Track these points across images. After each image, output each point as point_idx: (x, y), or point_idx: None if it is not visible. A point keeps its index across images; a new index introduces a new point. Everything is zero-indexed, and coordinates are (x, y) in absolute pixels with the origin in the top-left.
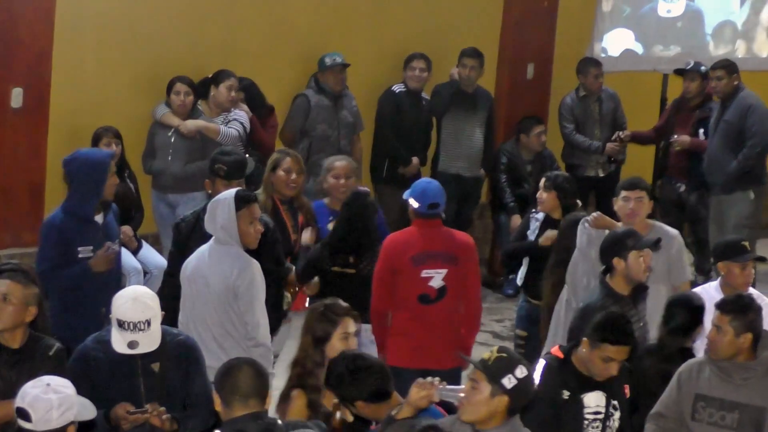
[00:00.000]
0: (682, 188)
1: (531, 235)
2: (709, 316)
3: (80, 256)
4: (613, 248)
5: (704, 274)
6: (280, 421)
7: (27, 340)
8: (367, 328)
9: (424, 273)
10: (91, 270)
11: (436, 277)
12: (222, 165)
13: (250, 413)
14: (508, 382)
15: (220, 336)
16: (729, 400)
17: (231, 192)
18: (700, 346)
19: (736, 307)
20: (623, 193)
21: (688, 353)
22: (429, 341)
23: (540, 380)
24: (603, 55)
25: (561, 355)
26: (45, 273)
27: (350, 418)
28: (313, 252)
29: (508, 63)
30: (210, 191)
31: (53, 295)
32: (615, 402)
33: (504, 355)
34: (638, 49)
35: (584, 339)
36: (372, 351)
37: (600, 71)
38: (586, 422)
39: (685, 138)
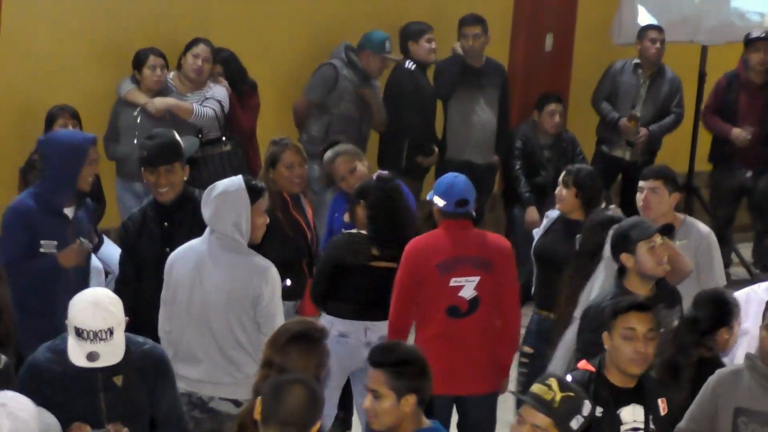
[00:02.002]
0: (748, 174)
1: (536, 235)
2: (757, 319)
3: (42, 250)
4: (619, 244)
5: (766, 269)
6: None
7: None
8: (366, 327)
9: (453, 282)
10: (57, 264)
11: (467, 287)
12: (143, 150)
13: None
14: (576, 423)
15: (230, 348)
16: None
17: (238, 182)
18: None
19: None
20: (639, 183)
21: (714, 366)
22: (460, 362)
23: None
24: (630, 24)
25: (592, 368)
26: (11, 264)
27: None
28: (332, 247)
29: (524, 34)
30: (146, 181)
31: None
32: (653, 416)
33: (571, 394)
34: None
35: (604, 334)
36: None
37: (662, 37)
38: None
39: (747, 136)
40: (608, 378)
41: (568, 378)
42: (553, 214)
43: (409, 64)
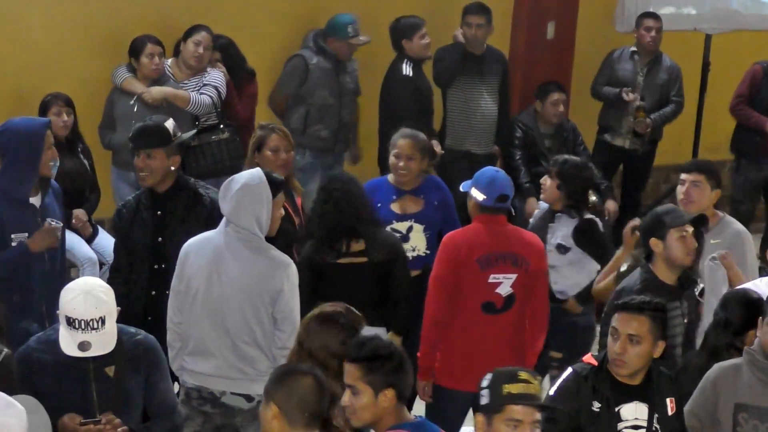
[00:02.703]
0: None
1: (529, 226)
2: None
3: (13, 244)
4: (650, 228)
5: None
6: None
7: None
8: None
9: (492, 278)
10: (29, 251)
11: (505, 283)
12: (132, 131)
13: None
14: None
15: (244, 344)
16: None
17: (259, 176)
18: None
19: None
20: (681, 175)
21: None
22: (491, 358)
23: (559, 391)
24: (633, 11)
25: (595, 362)
26: None
27: None
28: (304, 249)
29: (525, 21)
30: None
31: None
32: (658, 416)
33: (538, 377)
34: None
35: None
36: None
37: (657, 25)
38: None
39: None
40: (611, 373)
41: (568, 371)
42: (545, 205)
43: (406, 69)
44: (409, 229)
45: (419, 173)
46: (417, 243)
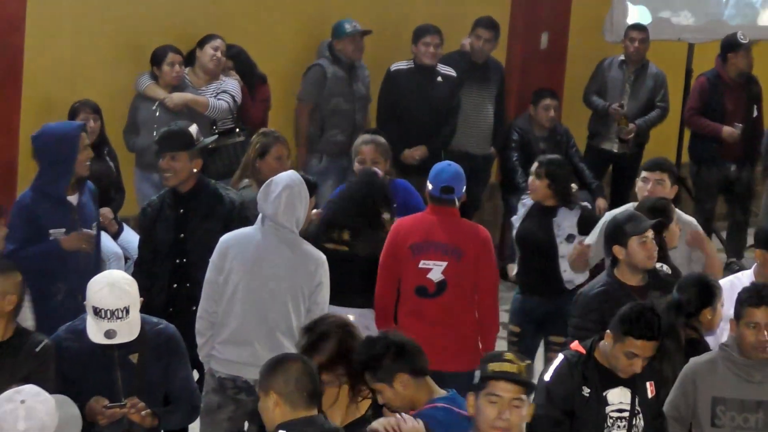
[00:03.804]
0: (732, 168)
1: (516, 222)
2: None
3: (51, 239)
4: (612, 236)
5: (737, 255)
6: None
7: (13, 334)
8: (358, 312)
9: (422, 264)
10: (59, 247)
11: (435, 270)
12: (157, 135)
13: (313, 416)
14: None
15: (281, 334)
16: (750, 399)
17: (297, 178)
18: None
19: None
20: (643, 173)
21: (701, 348)
22: (428, 339)
23: (554, 377)
24: (621, 22)
25: (583, 350)
26: (12, 254)
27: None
28: (310, 227)
29: (521, 32)
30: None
31: (28, 282)
32: (639, 399)
33: (527, 361)
34: (661, 15)
35: (607, 332)
36: None
37: (642, 36)
38: (610, 420)
39: (737, 133)
40: (598, 360)
41: (559, 358)
42: (528, 201)
43: (401, 66)
44: None
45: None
46: None
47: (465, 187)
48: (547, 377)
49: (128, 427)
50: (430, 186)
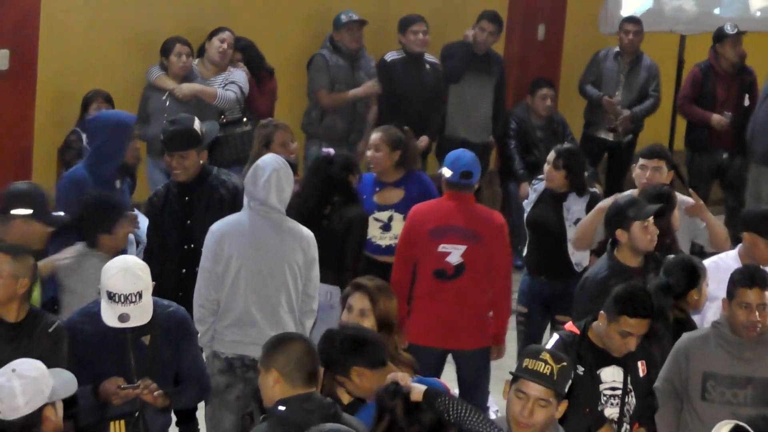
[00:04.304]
0: (724, 156)
1: (527, 206)
2: (724, 286)
3: None
4: (615, 219)
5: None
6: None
7: (27, 315)
8: (329, 290)
9: (441, 248)
10: None
11: (454, 253)
12: (162, 134)
13: (311, 392)
14: (567, 386)
15: (282, 311)
16: (740, 375)
17: (281, 161)
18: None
19: None
20: (641, 161)
21: (689, 327)
22: (445, 320)
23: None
24: (615, 14)
25: (577, 330)
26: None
27: None
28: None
29: (519, 24)
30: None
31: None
32: (631, 377)
33: (564, 364)
34: (654, 6)
35: (601, 312)
36: (332, 315)
37: (636, 29)
38: (603, 398)
39: (726, 121)
40: (592, 341)
41: (555, 338)
42: (539, 186)
43: (389, 56)
44: (390, 218)
45: (397, 167)
46: (398, 231)
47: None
48: None
49: (141, 407)
50: (448, 172)
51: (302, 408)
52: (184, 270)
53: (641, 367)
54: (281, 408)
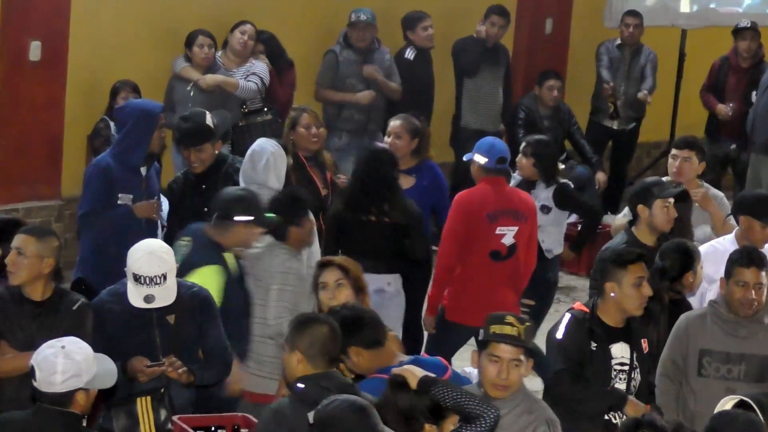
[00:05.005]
0: (732, 146)
1: None
2: (722, 267)
3: (119, 202)
4: (639, 196)
5: None
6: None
7: (51, 294)
8: (387, 279)
9: (499, 230)
10: (132, 214)
11: (509, 234)
12: (178, 131)
13: (329, 372)
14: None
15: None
16: (735, 352)
17: (274, 143)
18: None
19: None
20: (673, 151)
21: (684, 307)
22: (493, 299)
23: (566, 332)
24: (618, 9)
25: (586, 309)
26: (87, 215)
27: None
28: (333, 206)
29: (527, 18)
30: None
31: (86, 237)
32: (636, 354)
33: (527, 324)
34: (656, 1)
35: (606, 284)
36: (393, 302)
37: (636, 22)
38: (613, 373)
39: (729, 112)
40: (601, 318)
41: (567, 316)
42: (518, 177)
43: (409, 53)
44: None
45: (412, 155)
46: None
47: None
48: (559, 335)
49: (166, 384)
50: (483, 159)
51: (320, 385)
52: None
53: (644, 344)
54: (300, 385)
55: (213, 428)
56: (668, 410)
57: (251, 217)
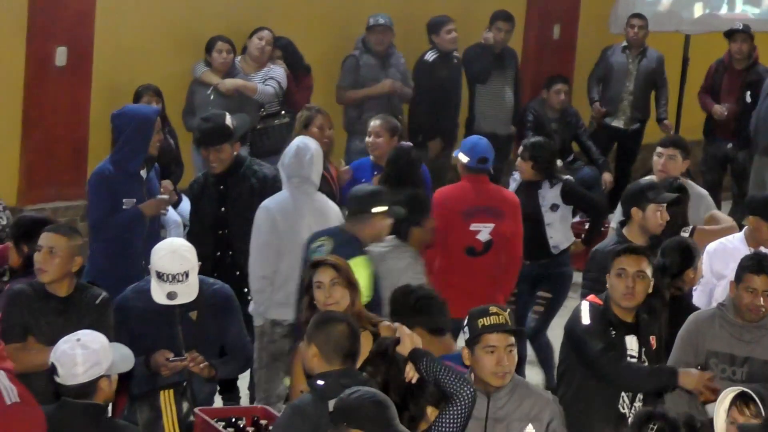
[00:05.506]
0: (729, 146)
1: None
2: (732, 265)
3: (124, 207)
4: (633, 198)
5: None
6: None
7: (74, 289)
8: None
9: (473, 227)
10: (140, 213)
11: (484, 231)
12: (198, 131)
13: (345, 369)
14: None
15: None
16: (740, 355)
17: (315, 142)
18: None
19: None
20: (658, 149)
21: (685, 302)
22: (468, 293)
23: (591, 319)
24: (624, 15)
25: (600, 301)
26: (98, 223)
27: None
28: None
29: (535, 24)
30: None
31: (98, 245)
32: (645, 349)
33: (508, 309)
34: (661, 8)
35: (607, 276)
36: None
37: (641, 23)
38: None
39: (724, 112)
40: (613, 311)
41: (586, 304)
42: (518, 177)
43: (429, 55)
44: None
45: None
46: None
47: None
48: (585, 321)
49: (188, 378)
50: (465, 158)
51: (339, 383)
52: (218, 253)
53: (652, 341)
54: (320, 382)
55: (233, 419)
56: (679, 405)
57: (386, 208)
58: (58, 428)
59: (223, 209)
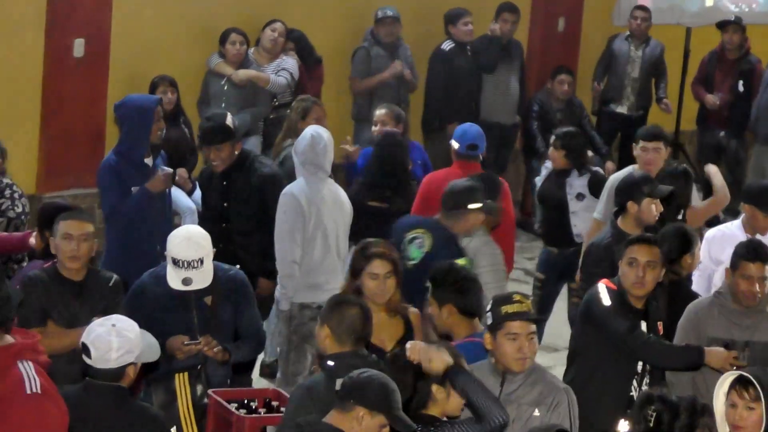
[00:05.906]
0: (722, 134)
1: (538, 182)
2: (729, 251)
3: (138, 187)
4: (630, 191)
5: (733, 215)
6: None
7: (87, 273)
8: None
9: None
10: (148, 192)
11: None
12: (200, 129)
13: (356, 350)
14: None
15: (342, 260)
16: (740, 339)
17: (325, 131)
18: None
19: None
20: (641, 143)
21: (683, 287)
22: None
23: (611, 300)
24: (627, 9)
25: (614, 286)
26: (111, 211)
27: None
28: (351, 189)
29: (541, 17)
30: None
31: (111, 234)
32: (652, 334)
33: (530, 297)
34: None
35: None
36: None
37: (644, 15)
38: None
39: (716, 102)
40: (625, 296)
41: (603, 288)
42: (549, 165)
43: (445, 45)
44: None
45: None
46: None
47: (485, 145)
48: (606, 303)
49: (203, 361)
50: (456, 145)
51: (349, 364)
52: (220, 245)
53: (659, 327)
54: (330, 363)
55: (245, 401)
56: (682, 388)
57: (481, 204)
58: (82, 408)
59: (225, 204)
